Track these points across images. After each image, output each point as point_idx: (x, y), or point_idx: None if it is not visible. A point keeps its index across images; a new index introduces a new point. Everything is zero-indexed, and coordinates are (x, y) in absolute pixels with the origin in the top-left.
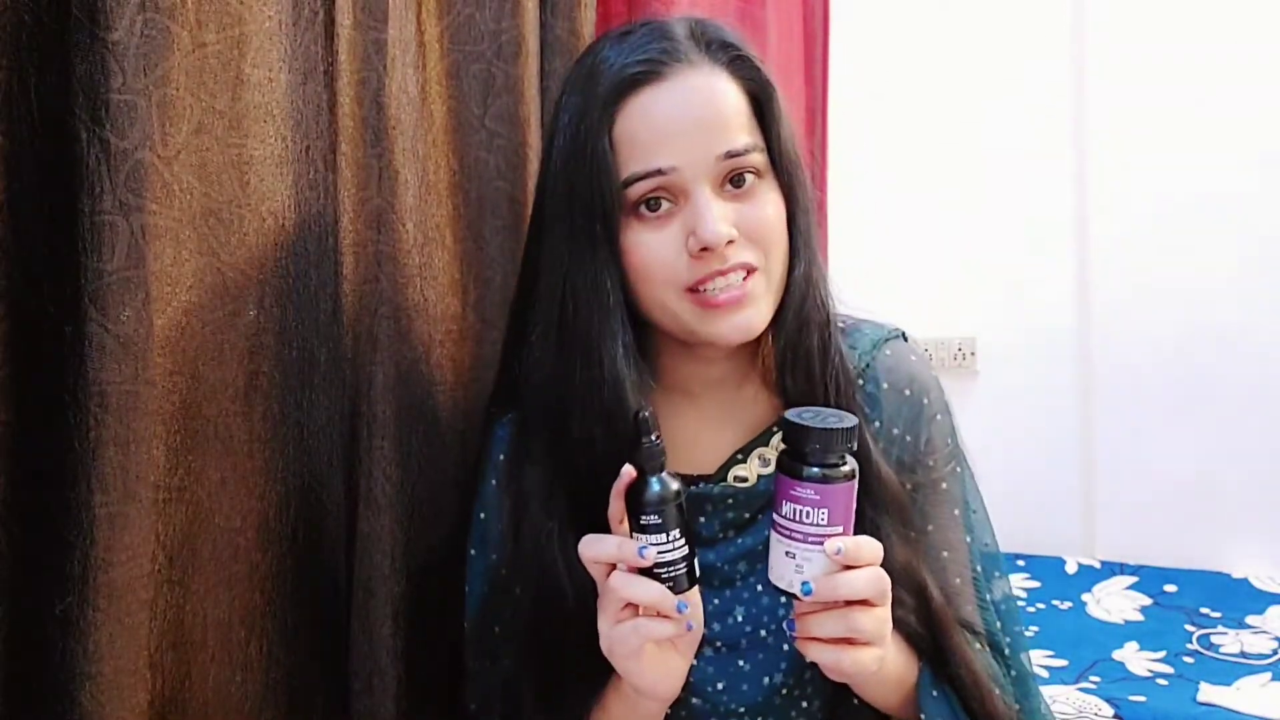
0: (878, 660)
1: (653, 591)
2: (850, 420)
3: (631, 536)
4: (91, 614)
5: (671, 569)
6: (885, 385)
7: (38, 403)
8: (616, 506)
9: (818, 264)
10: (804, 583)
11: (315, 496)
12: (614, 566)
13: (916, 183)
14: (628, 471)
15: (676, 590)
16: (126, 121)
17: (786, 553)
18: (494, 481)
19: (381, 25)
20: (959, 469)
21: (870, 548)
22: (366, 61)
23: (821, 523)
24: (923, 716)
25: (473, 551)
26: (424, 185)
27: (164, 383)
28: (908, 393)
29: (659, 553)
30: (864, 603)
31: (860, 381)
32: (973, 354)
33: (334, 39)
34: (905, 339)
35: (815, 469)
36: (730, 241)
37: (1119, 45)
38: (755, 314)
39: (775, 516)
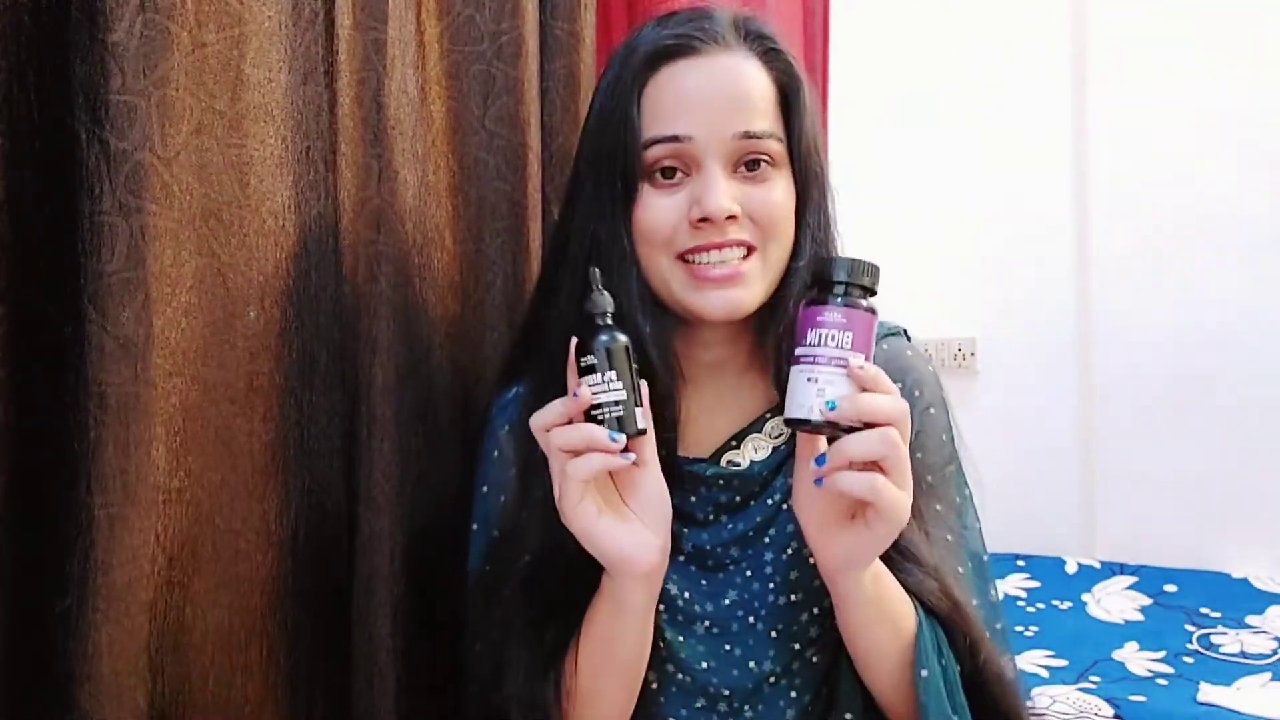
0: (906, 507)
1: (582, 430)
2: (877, 263)
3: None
4: (91, 615)
5: (608, 409)
6: None
7: (37, 404)
8: (572, 380)
9: None
10: (828, 401)
11: (315, 498)
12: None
13: (916, 183)
14: (573, 340)
15: (619, 430)
16: (126, 122)
17: (808, 379)
18: (495, 453)
19: (381, 25)
20: (952, 469)
21: (886, 379)
22: (366, 62)
23: (845, 346)
24: (923, 674)
25: (474, 526)
26: (424, 186)
27: (163, 384)
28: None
29: (594, 391)
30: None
31: None
32: (973, 354)
33: (334, 39)
34: (908, 337)
35: (840, 294)
36: (731, 217)
37: (1120, 45)
38: (746, 294)
39: (797, 351)
